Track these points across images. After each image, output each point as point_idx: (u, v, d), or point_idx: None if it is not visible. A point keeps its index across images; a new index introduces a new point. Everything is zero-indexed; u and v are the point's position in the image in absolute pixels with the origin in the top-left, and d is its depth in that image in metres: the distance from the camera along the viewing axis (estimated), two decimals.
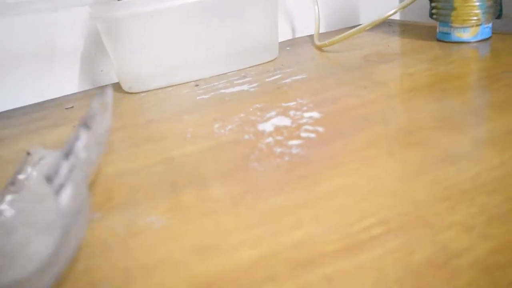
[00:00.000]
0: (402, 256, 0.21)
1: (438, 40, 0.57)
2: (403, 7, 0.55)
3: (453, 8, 0.53)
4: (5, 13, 0.54)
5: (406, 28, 0.66)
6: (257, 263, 0.22)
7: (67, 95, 0.59)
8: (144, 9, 0.51)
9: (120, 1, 0.50)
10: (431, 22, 0.58)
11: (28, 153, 0.33)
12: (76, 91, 0.60)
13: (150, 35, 0.52)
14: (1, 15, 0.53)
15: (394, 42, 0.60)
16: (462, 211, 0.23)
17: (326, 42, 0.59)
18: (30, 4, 0.55)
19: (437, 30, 0.57)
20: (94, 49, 0.60)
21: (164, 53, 0.53)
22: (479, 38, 0.54)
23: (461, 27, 0.54)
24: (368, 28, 0.55)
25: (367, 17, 0.75)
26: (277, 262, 0.21)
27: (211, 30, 0.54)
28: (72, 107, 0.53)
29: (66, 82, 0.60)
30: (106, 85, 0.40)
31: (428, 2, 0.57)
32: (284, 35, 0.69)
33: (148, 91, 0.53)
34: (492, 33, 0.55)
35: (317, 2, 0.65)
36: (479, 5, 0.52)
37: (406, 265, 0.20)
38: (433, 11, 0.56)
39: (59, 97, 0.58)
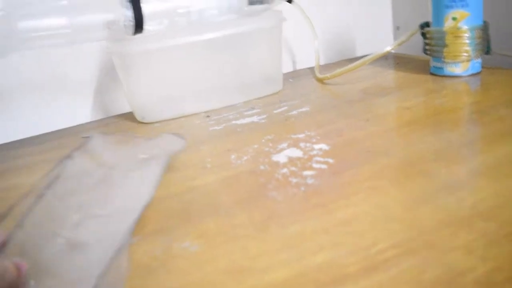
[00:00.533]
0: (415, 275, 0.24)
1: (432, 74, 0.61)
2: (400, 43, 0.59)
3: (445, 45, 0.57)
4: (24, 46, 0.57)
5: (401, 61, 0.70)
6: (287, 283, 0.25)
7: (81, 125, 0.62)
8: (157, 45, 0.54)
9: (135, 37, 0.54)
10: (424, 55, 0.62)
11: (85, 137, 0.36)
12: (89, 120, 0.63)
13: (162, 68, 0.56)
14: (21, 48, 0.56)
15: (390, 75, 0.64)
16: (463, 236, 0.27)
17: (328, 75, 0.62)
18: (49, 38, 0.58)
19: (430, 65, 0.61)
20: (107, 80, 0.63)
21: (175, 85, 0.57)
22: (469, 72, 0.58)
23: (453, 62, 0.58)
24: (367, 62, 0.59)
25: (363, 50, 0.79)
26: (305, 282, 0.25)
27: (219, 64, 0.58)
28: (89, 136, 0.56)
29: (80, 112, 0.63)
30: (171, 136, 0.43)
31: (421, 37, 0.61)
32: (286, 67, 0.73)
33: (161, 121, 0.57)
34: (482, 67, 0.59)
35: (317, 36, 0.69)
36: (469, 42, 0.56)
37: (419, 283, 0.23)
38: (427, 47, 0.60)
39: (73, 127, 0.61)
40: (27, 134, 0.59)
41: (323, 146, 0.42)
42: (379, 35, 0.82)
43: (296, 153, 0.41)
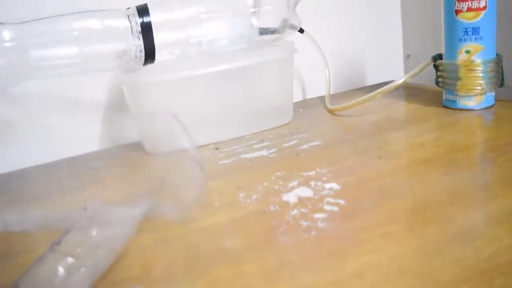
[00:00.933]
0: None
1: (444, 107, 0.60)
2: (412, 76, 0.59)
3: (458, 78, 0.56)
4: (36, 75, 0.57)
5: (413, 92, 0.69)
6: None
7: (89, 153, 0.61)
8: (167, 76, 0.54)
9: (146, 68, 0.54)
10: (436, 86, 0.61)
11: (85, 208, 0.36)
12: (96, 149, 0.63)
13: (172, 99, 0.55)
14: (33, 77, 0.56)
15: (402, 107, 0.63)
16: None
17: (339, 106, 0.62)
18: (59, 67, 0.58)
19: (443, 97, 0.60)
20: (115, 109, 0.63)
21: (185, 116, 0.56)
22: (483, 106, 0.57)
23: (466, 96, 0.57)
24: (380, 95, 0.59)
25: (373, 78, 0.79)
26: None
27: (230, 95, 0.57)
28: (96, 167, 0.55)
29: (88, 140, 0.63)
30: None
31: (433, 69, 0.60)
32: (296, 96, 0.72)
33: (169, 152, 0.56)
34: (495, 100, 0.58)
35: (327, 66, 0.68)
36: (482, 76, 0.56)
37: None
38: (439, 79, 0.59)
39: (81, 155, 0.61)
40: (35, 163, 0.59)
41: (334, 186, 0.41)
42: (389, 63, 0.81)
43: (306, 192, 0.40)
